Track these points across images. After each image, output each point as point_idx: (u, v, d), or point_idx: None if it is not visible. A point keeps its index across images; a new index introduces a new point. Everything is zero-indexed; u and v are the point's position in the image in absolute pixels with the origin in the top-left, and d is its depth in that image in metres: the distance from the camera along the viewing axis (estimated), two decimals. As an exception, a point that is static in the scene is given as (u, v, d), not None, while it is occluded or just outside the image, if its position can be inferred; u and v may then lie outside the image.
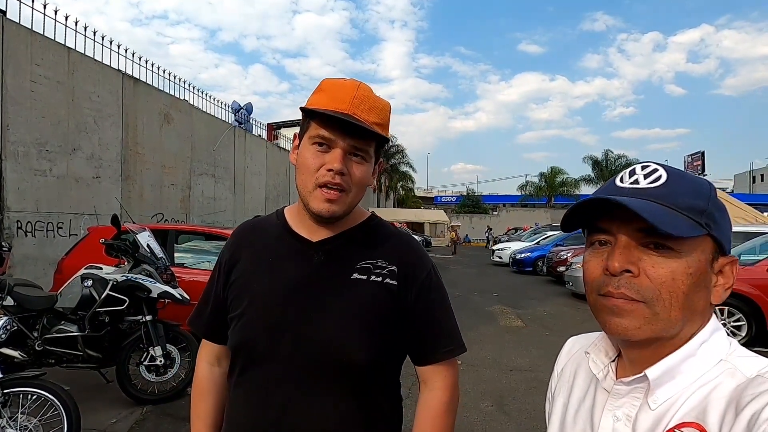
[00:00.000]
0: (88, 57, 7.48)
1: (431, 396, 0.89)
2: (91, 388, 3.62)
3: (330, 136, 0.79)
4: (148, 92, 8.99)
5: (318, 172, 0.80)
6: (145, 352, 3.44)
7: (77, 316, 3.34)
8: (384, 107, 0.84)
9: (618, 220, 0.54)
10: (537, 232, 19.00)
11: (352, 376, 0.83)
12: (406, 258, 0.88)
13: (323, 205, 0.80)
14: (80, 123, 7.22)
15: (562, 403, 0.68)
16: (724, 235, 0.55)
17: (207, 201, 11.05)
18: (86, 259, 4.06)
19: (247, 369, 0.86)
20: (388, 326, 0.85)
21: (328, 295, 0.83)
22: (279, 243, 0.89)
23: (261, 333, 0.83)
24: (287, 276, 0.85)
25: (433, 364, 0.89)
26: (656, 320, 0.52)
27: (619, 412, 0.57)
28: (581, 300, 8.74)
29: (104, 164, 7.71)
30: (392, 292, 0.85)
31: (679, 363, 0.54)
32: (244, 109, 13.82)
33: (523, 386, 4.14)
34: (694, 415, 0.51)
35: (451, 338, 0.89)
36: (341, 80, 0.85)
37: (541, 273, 13.12)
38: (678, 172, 0.57)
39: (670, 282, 0.52)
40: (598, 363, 0.64)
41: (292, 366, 0.82)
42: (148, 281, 3.43)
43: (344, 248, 0.87)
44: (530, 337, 6.01)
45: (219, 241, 5.43)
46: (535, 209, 36.43)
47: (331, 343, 0.81)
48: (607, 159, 32.90)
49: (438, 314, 0.89)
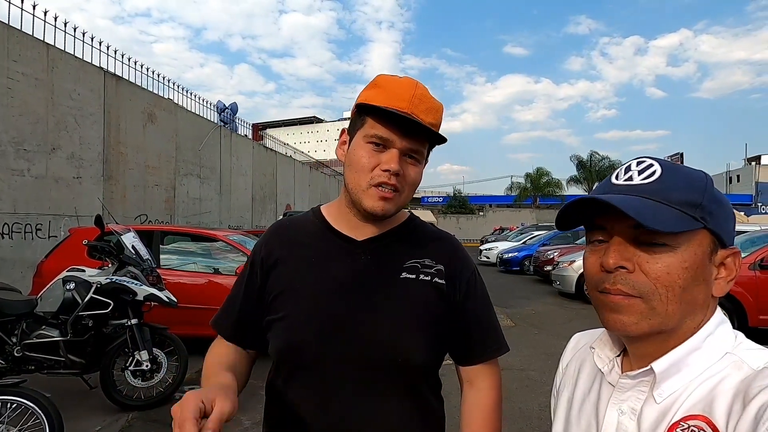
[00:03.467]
0: (69, 54, 7.26)
1: (481, 395, 0.87)
2: (73, 394, 3.50)
3: (387, 135, 0.77)
4: (131, 90, 8.78)
5: (373, 171, 0.77)
6: (131, 356, 3.34)
7: (59, 320, 3.23)
8: (439, 108, 0.82)
9: (613, 218, 0.54)
10: (523, 231, 19.18)
11: (408, 376, 0.81)
12: (452, 257, 0.87)
13: (378, 203, 0.78)
14: (60, 121, 7.00)
15: (566, 398, 0.68)
16: (723, 227, 0.54)
17: (192, 202, 10.85)
18: (67, 261, 3.93)
19: (294, 374, 0.81)
20: (440, 325, 0.84)
21: (378, 294, 0.81)
22: (321, 242, 0.86)
23: (311, 335, 0.79)
24: (334, 275, 0.82)
25: (479, 364, 0.88)
26: (653, 315, 0.53)
27: (624, 406, 0.57)
28: (568, 298, 8.85)
29: (85, 164, 7.50)
30: (441, 291, 0.84)
31: (685, 356, 0.54)
32: (229, 109, 13.64)
33: (515, 385, 4.15)
34: (700, 407, 0.51)
35: (497, 337, 0.89)
36: (398, 77, 0.82)
37: (528, 272, 13.26)
38: (673, 166, 0.56)
39: (665, 277, 0.52)
40: (603, 358, 0.64)
41: (347, 369, 0.79)
42: (134, 284, 3.33)
43: (391, 247, 0.85)
44: (520, 335, 6.04)
45: (206, 242, 5.33)
46: (521, 209, 36.85)
47: (387, 344, 0.79)
48: (591, 160, 33.54)
49: (485, 313, 0.89)
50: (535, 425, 3.33)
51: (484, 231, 31.35)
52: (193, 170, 10.93)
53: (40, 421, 2.30)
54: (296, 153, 20.74)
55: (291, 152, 19.64)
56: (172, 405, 0.61)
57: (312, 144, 69.55)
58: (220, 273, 4.87)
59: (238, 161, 13.42)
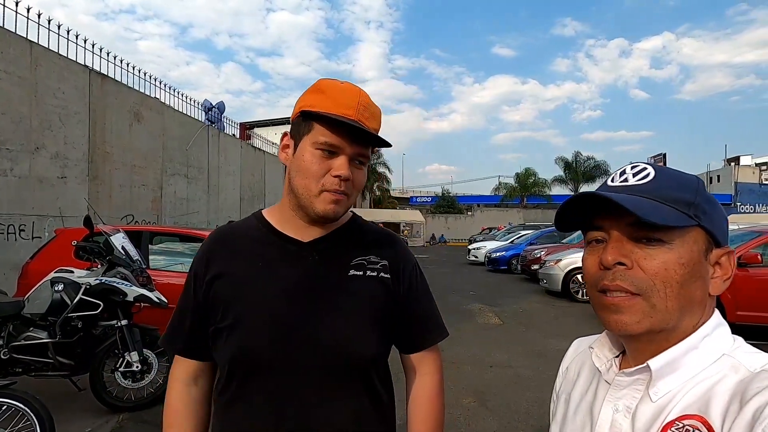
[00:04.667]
0: (53, 51, 7.14)
1: (424, 380, 0.92)
2: (61, 396, 3.47)
3: (338, 143, 0.79)
4: (117, 89, 8.66)
5: (324, 177, 0.79)
6: (121, 357, 3.32)
7: (47, 322, 3.19)
8: (379, 113, 0.85)
9: (610, 217, 0.56)
10: (511, 231, 19.41)
11: (362, 371, 0.84)
12: (394, 253, 0.91)
13: (330, 207, 0.80)
14: (44, 120, 6.88)
15: (564, 399, 0.69)
16: (717, 226, 0.56)
17: (180, 202, 10.75)
18: (54, 262, 3.87)
19: (249, 380, 0.81)
20: (387, 318, 0.87)
21: (328, 294, 0.83)
22: (267, 247, 0.86)
23: (265, 340, 0.80)
24: (284, 279, 0.83)
25: (422, 351, 0.93)
26: (654, 312, 0.53)
27: (620, 404, 0.57)
28: (555, 297, 9.01)
29: (70, 164, 7.38)
30: (387, 286, 0.87)
31: (681, 355, 0.54)
32: (216, 108, 13.52)
33: (504, 381, 4.23)
34: (696, 407, 0.51)
35: (437, 325, 0.94)
36: (340, 83, 0.83)
37: (516, 271, 13.42)
38: (665, 169, 0.59)
39: (663, 273, 0.53)
40: (601, 357, 0.64)
41: (302, 371, 0.80)
42: (124, 284, 3.31)
43: (337, 247, 0.87)
44: (508, 333, 6.14)
45: (195, 242, 5.29)
46: (509, 209, 37.23)
47: (342, 342, 0.81)
48: (577, 160, 34.07)
49: (426, 304, 0.94)
50: (522, 419, 3.41)
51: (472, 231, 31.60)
52: (181, 170, 10.83)
53: (31, 422, 2.29)
54: (285, 153, 20.63)
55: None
56: (163, 405, 0.62)
57: (300, 143, 68.57)
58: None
59: (226, 161, 13.32)
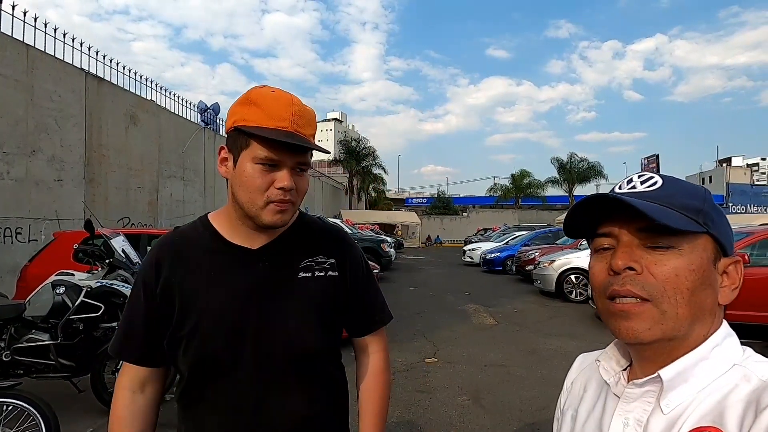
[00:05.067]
0: (49, 55, 7.16)
1: (374, 358, 1.02)
2: (62, 397, 3.50)
3: (278, 157, 0.80)
4: (113, 92, 8.69)
5: (268, 190, 0.81)
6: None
7: (49, 324, 3.23)
8: (313, 117, 0.86)
9: (619, 222, 0.55)
10: (506, 232, 19.54)
11: (313, 364, 0.91)
12: (341, 249, 0.96)
13: (277, 217, 0.83)
14: (40, 123, 6.90)
15: (571, 415, 0.67)
16: (724, 235, 0.56)
17: (176, 204, 10.76)
18: (52, 265, 3.92)
19: (209, 383, 0.86)
20: (337, 312, 0.94)
21: (279, 297, 0.87)
22: (217, 255, 0.88)
23: (221, 345, 0.84)
24: (235, 287, 0.86)
25: (370, 334, 1.02)
26: (665, 319, 0.52)
27: (630, 417, 0.56)
28: (548, 297, 9.11)
29: (66, 166, 7.39)
30: (335, 282, 0.93)
31: (692, 365, 0.53)
32: (211, 110, 13.51)
33: (497, 380, 4.32)
34: (710, 419, 0.50)
35: (383, 311, 1.03)
36: (271, 92, 0.82)
37: (511, 272, 13.50)
38: (672, 178, 0.59)
39: (674, 278, 0.52)
40: (609, 370, 0.63)
41: (258, 369, 0.85)
42: (124, 287, 3.36)
43: (285, 251, 0.90)
44: (502, 333, 6.23)
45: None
46: (504, 210, 37.40)
47: (292, 340, 0.87)
48: (571, 161, 34.29)
49: (371, 293, 1.01)
50: (516, 417, 3.49)
51: (467, 232, 31.73)
52: (177, 172, 10.85)
53: (37, 423, 2.34)
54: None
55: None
56: (163, 406, 0.66)
57: (295, 145, 68.58)
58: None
59: (222, 163, 13.32)
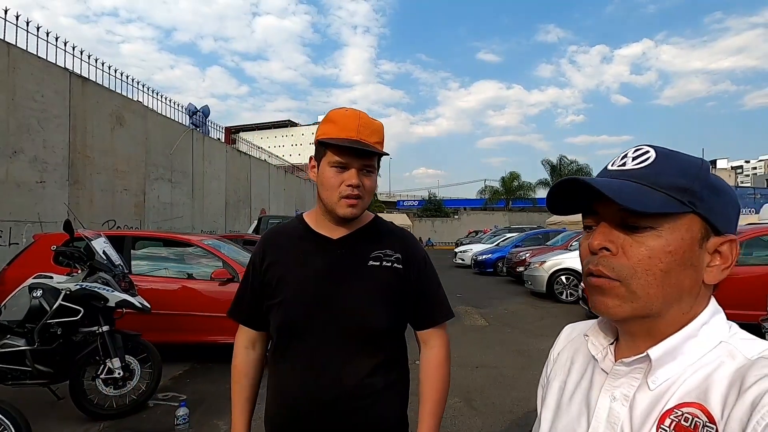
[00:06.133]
0: (31, 54, 7.01)
1: (433, 352, 1.14)
2: (40, 405, 3.39)
3: (345, 161, 1.01)
4: (98, 92, 8.53)
5: (340, 187, 1.02)
6: (102, 364, 3.26)
7: (25, 329, 3.12)
8: (379, 128, 1.05)
9: (603, 202, 0.55)
10: (497, 234, 19.60)
11: (375, 339, 1.06)
12: (406, 247, 1.13)
13: (348, 210, 1.03)
14: (22, 124, 6.74)
15: (558, 387, 0.68)
16: (717, 213, 0.54)
17: (163, 207, 10.59)
18: (32, 268, 3.79)
19: (291, 344, 1.06)
20: (399, 299, 1.09)
21: (351, 279, 1.06)
22: (305, 242, 1.11)
23: (301, 312, 1.04)
24: (316, 267, 1.06)
25: (431, 328, 1.14)
26: (634, 298, 0.53)
27: (617, 392, 0.57)
28: (540, 298, 9.12)
29: (49, 168, 7.23)
30: (399, 274, 1.09)
31: (680, 343, 0.54)
32: (201, 112, 13.39)
33: (489, 382, 4.28)
34: (694, 395, 0.51)
35: (444, 306, 1.15)
36: (345, 111, 1.05)
37: (502, 273, 13.51)
38: (669, 152, 0.57)
39: (647, 260, 0.52)
40: (596, 345, 0.64)
41: (329, 335, 1.03)
42: (105, 290, 3.25)
43: (359, 242, 1.10)
44: (493, 335, 6.20)
45: (179, 247, 5.24)
46: (494, 212, 37.58)
47: (358, 315, 1.04)
48: (561, 163, 34.65)
49: (434, 289, 1.15)
50: (507, 418, 3.45)
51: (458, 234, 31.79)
52: (164, 174, 10.68)
53: (8, 431, 2.24)
54: (271, 157, 20.51)
55: (265, 156, 19.41)
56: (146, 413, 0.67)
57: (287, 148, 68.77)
58: (194, 278, 4.80)
59: (211, 165, 13.18)
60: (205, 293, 4.60)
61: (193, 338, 4.58)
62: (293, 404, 1.05)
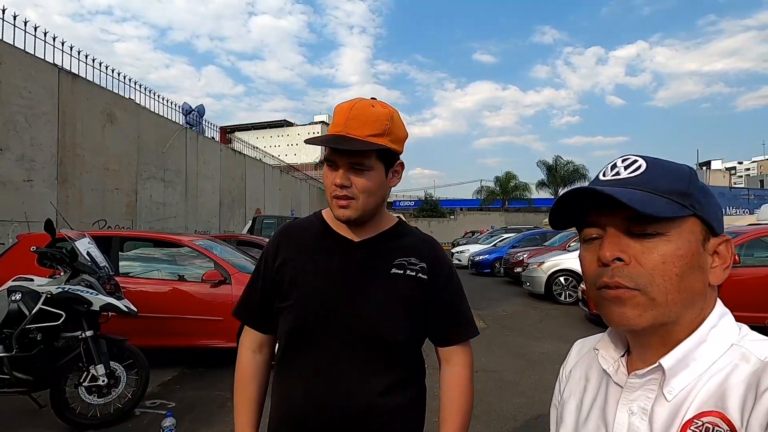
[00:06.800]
0: (18, 49, 6.83)
1: (456, 371, 1.04)
2: (20, 414, 3.23)
3: (333, 158, 0.93)
4: (89, 89, 8.35)
5: (331, 187, 0.95)
6: (85, 371, 3.10)
7: (3, 334, 2.96)
8: (379, 116, 0.92)
9: (605, 213, 0.55)
10: (494, 234, 19.53)
11: (392, 351, 0.97)
12: (433, 257, 1.03)
13: (339, 211, 0.95)
14: (8, 121, 6.55)
15: (575, 405, 0.66)
16: (712, 215, 0.55)
17: (156, 206, 10.41)
18: (15, 270, 3.63)
19: (301, 351, 0.97)
20: (421, 312, 0.99)
21: (371, 285, 0.97)
22: (323, 242, 1.01)
23: (314, 319, 0.95)
24: (334, 270, 0.98)
25: (455, 345, 1.04)
26: (654, 306, 0.53)
27: (634, 406, 0.56)
28: (538, 299, 9.03)
29: (37, 166, 7.05)
30: (424, 285, 0.99)
31: (692, 350, 0.53)
32: (196, 111, 13.22)
33: (489, 387, 4.15)
34: (712, 403, 0.50)
35: (469, 323, 1.05)
36: (346, 102, 0.95)
37: (499, 274, 13.45)
38: (656, 160, 0.58)
39: (662, 266, 0.52)
40: (607, 358, 0.63)
41: (342, 345, 0.95)
42: (89, 293, 3.10)
43: (382, 247, 1.01)
44: (492, 337, 6.09)
45: (169, 248, 5.08)
46: (491, 213, 37.59)
47: (376, 325, 0.95)
48: (557, 164, 34.72)
49: (459, 303, 1.05)
50: (510, 426, 3.32)
51: (455, 234, 31.73)
52: (157, 173, 10.50)
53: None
54: (266, 156, 20.34)
55: (261, 156, 19.24)
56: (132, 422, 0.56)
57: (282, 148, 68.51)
58: (184, 280, 4.64)
59: (205, 165, 13.00)
60: (196, 295, 4.44)
61: (183, 342, 4.42)
62: (299, 419, 0.96)
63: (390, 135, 0.93)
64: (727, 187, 39.48)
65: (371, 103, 0.94)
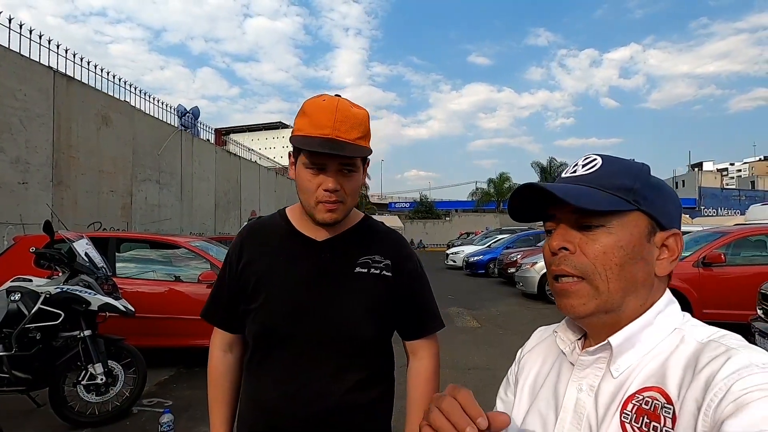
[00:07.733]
0: (13, 51, 6.84)
1: (421, 364, 1.06)
2: (18, 413, 3.27)
3: (320, 162, 0.91)
4: (84, 92, 8.36)
5: (317, 191, 0.92)
6: (84, 370, 3.15)
7: (2, 334, 3.00)
8: (362, 119, 0.93)
9: (558, 206, 0.59)
10: (488, 235, 19.64)
11: (361, 349, 0.99)
12: (397, 253, 1.04)
13: (326, 215, 0.94)
14: (3, 123, 6.57)
15: (531, 383, 0.70)
16: (659, 210, 0.59)
17: (151, 208, 10.41)
18: (12, 271, 3.66)
19: (270, 352, 0.98)
20: (386, 308, 1.01)
21: (336, 285, 0.97)
22: (288, 243, 1.01)
23: (282, 320, 0.96)
24: (300, 271, 0.98)
25: (421, 339, 1.06)
26: (598, 294, 0.57)
27: (583, 383, 0.60)
28: (531, 299, 9.13)
29: (32, 168, 7.05)
30: (388, 282, 1.00)
31: (638, 331, 0.58)
32: (191, 113, 13.22)
33: (482, 384, 4.23)
34: (654, 380, 0.54)
35: (434, 317, 1.08)
36: (321, 101, 0.92)
37: (493, 275, 13.52)
38: (612, 158, 0.62)
39: (602, 256, 0.57)
40: (564, 340, 0.67)
41: (311, 346, 0.95)
42: (87, 293, 3.15)
43: (346, 246, 1.01)
44: (485, 336, 6.18)
45: (165, 249, 5.13)
46: (486, 214, 37.76)
47: (343, 326, 0.96)
48: (551, 165, 35.01)
49: (424, 298, 1.07)
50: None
51: (450, 235, 31.84)
52: (152, 176, 10.51)
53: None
54: (261, 158, 20.34)
55: (256, 158, 19.24)
56: (130, 420, 0.60)
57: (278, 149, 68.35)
58: (181, 281, 4.69)
59: (200, 166, 13.01)
60: (192, 296, 4.49)
61: (180, 342, 4.47)
62: (272, 419, 0.96)
63: (369, 136, 0.95)
64: (719, 189, 39.90)
65: (349, 103, 0.93)
